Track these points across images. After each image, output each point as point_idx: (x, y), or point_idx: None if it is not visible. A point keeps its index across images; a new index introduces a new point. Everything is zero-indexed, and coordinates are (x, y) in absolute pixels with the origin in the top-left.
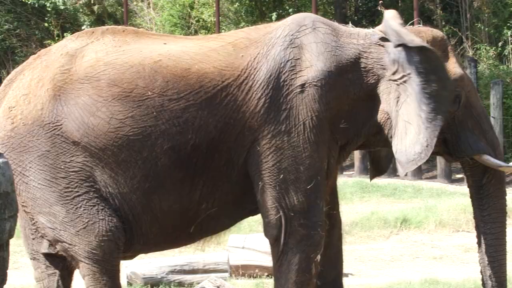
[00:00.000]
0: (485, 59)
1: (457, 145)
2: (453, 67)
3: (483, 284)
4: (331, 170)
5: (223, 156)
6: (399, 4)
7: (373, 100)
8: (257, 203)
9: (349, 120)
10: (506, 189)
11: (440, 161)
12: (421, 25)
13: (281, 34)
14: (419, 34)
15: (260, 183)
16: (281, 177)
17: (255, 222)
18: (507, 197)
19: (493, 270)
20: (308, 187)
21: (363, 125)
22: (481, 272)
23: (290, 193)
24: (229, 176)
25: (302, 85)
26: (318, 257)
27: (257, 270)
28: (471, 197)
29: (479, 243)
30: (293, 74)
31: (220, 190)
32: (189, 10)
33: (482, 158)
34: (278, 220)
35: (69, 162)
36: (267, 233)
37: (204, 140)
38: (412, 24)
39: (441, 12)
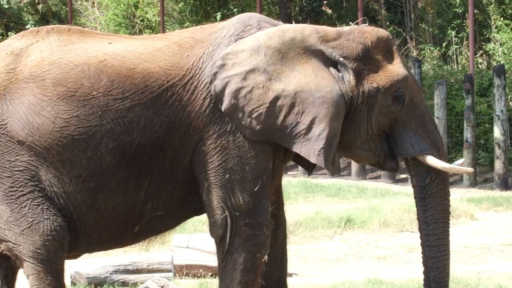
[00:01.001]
0: (429, 59)
1: (400, 145)
2: (397, 67)
3: (425, 285)
4: (277, 170)
5: (168, 156)
6: (344, 4)
7: None
8: (202, 202)
9: None
10: (450, 190)
11: None
12: (366, 25)
13: (226, 34)
14: (363, 34)
15: (205, 183)
16: (226, 177)
17: (199, 222)
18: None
19: (436, 271)
20: (254, 187)
21: None
22: (424, 273)
23: (235, 193)
24: (174, 176)
25: None
26: (266, 257)
27: (201, 270)
28: (415, 197)
29: (422, 244)
30: None
31: (165, 190)
32: (133, 9)
33: (425, 159)
34: (223, 220)
35: (13, 162)
36: (212, 232)
37: (149, 140)
38: (358, 23)
39: (385, 12)
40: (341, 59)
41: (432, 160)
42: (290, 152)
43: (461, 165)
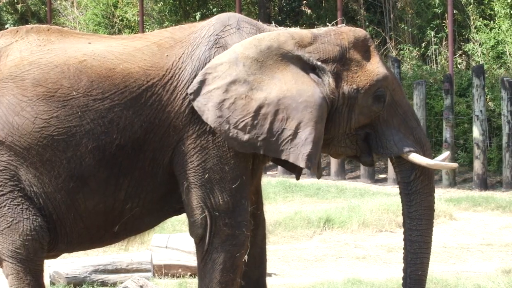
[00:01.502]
0: (408, 59)
1: (384, 144)
2: (376, 66)
3: (403, 280)
4: (256, 170)
5: (148, 156)
6: (323, 4)
7: None
8: (182, 202)
9: None
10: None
11: None
12: (344, 25)
13: (206, 34)
14: (340, 36)
15: (185, 182)
16: (206, 176)
17: (178, 221)
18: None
19: (414, 267)
20: (233, 186)
21: None
22: (403, 270)
23: (215, 193)
24: (154, 176)
25: None
26: (246, 257)
27: (180, 270)
28: (400, 193)
29: (404, 239)
30: None
31: (145, 190)
32: (113, 9)
33: (409, 157)
34: (203, 219)
35: None
36: (192, 232)
37: (129, 140)
38: (336, 24)
39: (364, 12)
40: (319, 63)
41: (416, 157)
42: None
43: (445, 159)
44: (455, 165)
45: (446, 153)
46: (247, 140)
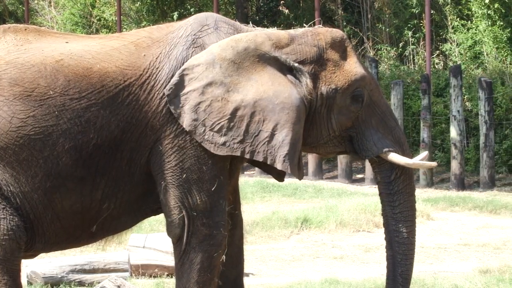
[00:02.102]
0: (386, 59)
1: (363, 144)
2: (354, 67)
3: (389, 280)
4: (234, 170)
5: (125, 156)
6: (301, 4)
7: None
8: (159, 202)
9: None
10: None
11: (340, 161)
12: (321, 26)
13: (183, 34)
14: (317, 37)
15: (163, 182)
16: (183, 176)
17: (156, 221)
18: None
19: (404, 268)
20: (211, 187)
21: None
22: (387, 267)
23: (193, 193)
24: (131, 175)
25: None
26: (223, 257)
27: (157, 270)
28: (380, 193)
29: (389, 240)
30: None
31: (122, 189)
32: (90, 9)
33: (388, 157)
34: (181, 219)
35: None
36: (169, 232)
37: (106, 140)
38: (313, 24)
39: (342, 12)
40: (296, 64)
41: (395, 157)
42: None
43: (423, 158)
44: (433, 164)
45: (424, 153)
46: (223, 143)
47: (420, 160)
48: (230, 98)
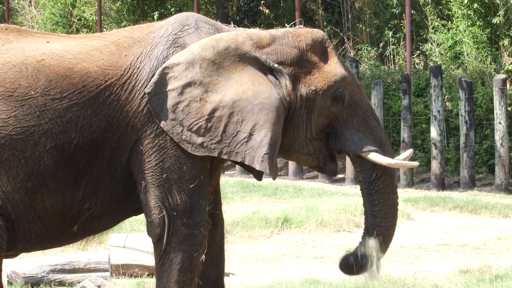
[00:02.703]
0: (366, 59)
1: (343, 143)
2: (334, 67)
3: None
4: (214, 170)
5: (106, 156)
6: (281, 4)
7: None
8: (140, 202)
9: None
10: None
11: None
12: (302, 26)
13: (164, 34)
14: (298, 38)
15: (143, 182)
16: (164, 176)
17: (136, 221)
18: None
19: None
20: (191, 186)
21: None
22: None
23: (173, 193)
24: (112, 175)
25: None
26: (203, 257)
27: (137, 270)
28: (361, 192)
29: (365, 230)
30: None
31: (103, 189)
32: (71, 8)
33: (369, 157)
34: (161, 219)
35: None
36: (150, 232)
37: (88, 140)
38: (294, 25)
39: (322, 12)
40: (276, 65)
41: (376, 157)
42: None
43: (407, 157)
44: (415, 163)
45: (409, 151)
46: (201, 143)
47: (404, 158)
48: (209, 99)
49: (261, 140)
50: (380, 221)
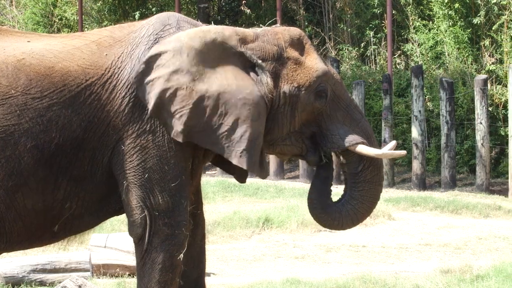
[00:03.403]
0: (347, 59)
1: (330, 139)
2: (314, 63)
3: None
4: (196, 170)
5: (87, 155)
6: (262, 4)
7: None
8: (122, 202)
9: None
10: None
11: (302, 161)
12: (278, 25)
13: (145, 33)
14: (276, 36)
15: (125, 182)
16: (146, 176)
17: (117, 221)
18: None
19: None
20: (173, 186)
21: None
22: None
23: (155, 193)
24: (93, 175)
25: None
26: (181, 256)
27: (118, 269)
28: (345, 184)
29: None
30: None
31: (84, 189)
32: (52, 8)
33: (357, 149)
34: (142, 219)
35: None
36: (131, 232)
37: (68, 139)
38: (273, 23)
39: (304, 12)
40: (259, 61)
41: (364, 149)
42: (210, 152)
43: (392, 148)
44: (403, 152)
45: (392, 142)
46: (182, 131)
47: (389, 149)
48: (195, 88)
49: (241, 135)
50: (356, 203)
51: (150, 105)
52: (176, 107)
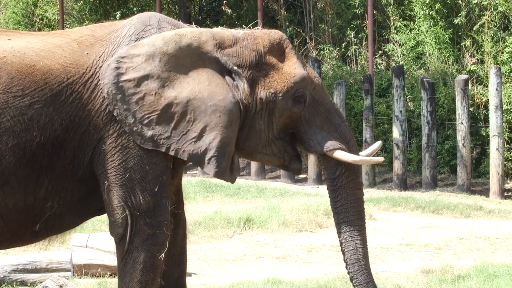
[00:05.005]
0: (328, 59)
1: (307, 143)
2: (293, 68)
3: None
4: (177, 170)
5: (68, 155)
6: (243, 4)
7: None
8: (103, 202)
9: None
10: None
11: None
12: (259, 28)
13: (126, 33)
14: (255, 40)
15: (106, 182)
16: (127, 176)
17: (98, 221)
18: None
19: (349, 254)
20: (154, 186)
21: None
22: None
23: (136, 192)
24: (74, 174)
25: None
26: (162, 256)
27: (99, 269)
28: (327, 191)
29: (338, 233)
30: None
31: (65, 188)
32: (32, 7)
33: (334, 155)
34: (124, 219)
35: None
36: (112, 232)
37: (50, 138)
38: (256, 25)
39: (285, 12)
40: (235, 67)
41: (341, 155)
42: None
43: (375, 150)
44: (381, 159)
45: (378, 143)
46: (150, 137)
47: (373, 150)
48: (164, 94)
49: (209, 142)
50: (343, 216)
51: (116, 108)
52: (143, 113)
